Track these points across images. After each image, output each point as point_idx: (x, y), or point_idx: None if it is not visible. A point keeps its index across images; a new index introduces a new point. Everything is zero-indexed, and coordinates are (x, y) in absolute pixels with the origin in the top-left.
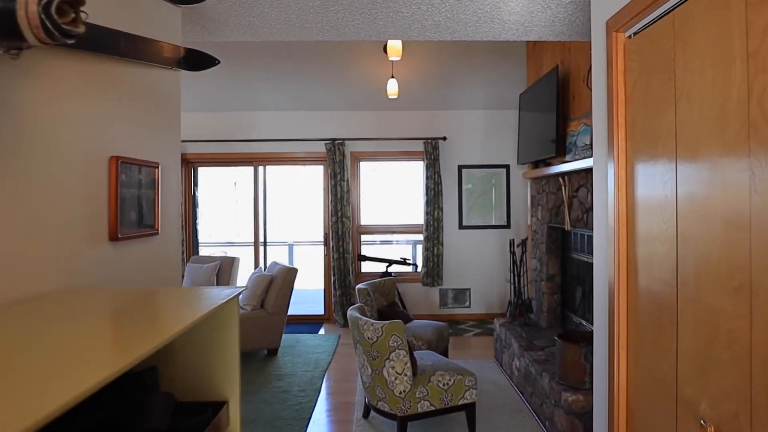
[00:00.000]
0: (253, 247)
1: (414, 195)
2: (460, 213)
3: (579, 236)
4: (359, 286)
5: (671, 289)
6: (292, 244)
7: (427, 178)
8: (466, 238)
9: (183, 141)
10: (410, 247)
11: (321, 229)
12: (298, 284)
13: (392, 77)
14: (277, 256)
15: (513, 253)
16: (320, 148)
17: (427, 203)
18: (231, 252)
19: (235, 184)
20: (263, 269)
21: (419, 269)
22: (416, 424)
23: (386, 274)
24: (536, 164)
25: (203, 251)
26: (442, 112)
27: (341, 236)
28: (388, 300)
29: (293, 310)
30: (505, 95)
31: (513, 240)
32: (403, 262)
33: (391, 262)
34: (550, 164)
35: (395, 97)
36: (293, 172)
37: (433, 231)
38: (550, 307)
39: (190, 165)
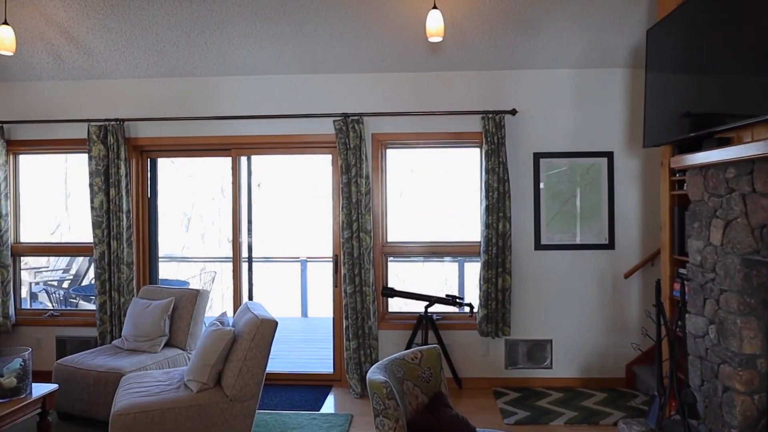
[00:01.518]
0: (232, 266)
1: (467, 198)
2: (536, 225)
3: None
4: (372, 374)
5: None
6: (305, 261)
7: (486, 171)
8: (546, 263)
9: (127, 120)
10: (455, 269)
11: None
12: (312, 311)
13: (435, 7)
14: (270, 277)
15: (659, 305)
16: (327, 128)
17: (488, 210)
18: (221, 271)
19: (223, 191)
20: (228, 318)
21: (476, 310)
22: None
23: (425, 318)
24: (696, 144)
25: (170, 271)
26: (510, 73)
27: (358, 260)
28: (428, 392)
29: (288, 363)
30: (607, 45)
31: (659, 281)
32: (453, 301)
33: (432, 301)
34: (729, 141)
35: (439, 39)
36: (293, 165)
37: (496, 253)
38: (747, 417)
39: (143, 155)
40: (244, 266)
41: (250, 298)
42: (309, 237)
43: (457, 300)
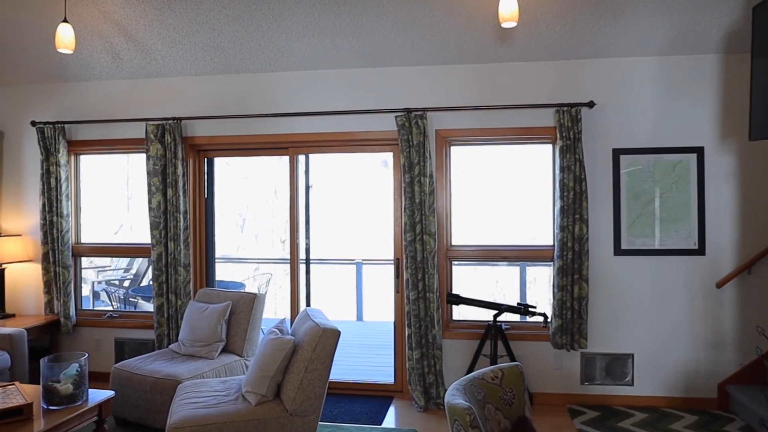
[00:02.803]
0: (290, 269)
1: (536, 199)
2: (616, 228)
3: None
4: (452, 398)
5: None
6: (360, 263)
7: (561, 170)
8: (626, 270)
9: (184, 118)
10: (513, 273)
11: (392, 249)
12: (368, 315)
13: None
14: (324, 279)
15: None
16: (389, 124)
17: (563, 212)
18: (281, 273)
19: (276, 193)
20: (287, 325)
21: (549, 320)
22: None
23: (494, 328)
24: None
25: (225, 272)
26: (586, 62)
27: (421, 264)
28: (511, 416)
29: (345, 370)
30: (698, 29)
31: None
32: (525, 310)
33: (502, 309)
34: None
35: (513, 24)
36: (346, 164)
37: (571, 258)
38: None
39: (200, 154)
40: (302, 268)
41: (308, 302)
42: (364, 238)
43: (530, 309)
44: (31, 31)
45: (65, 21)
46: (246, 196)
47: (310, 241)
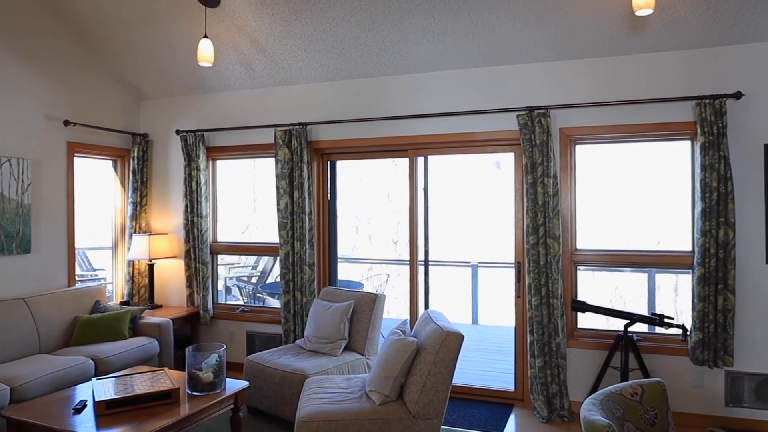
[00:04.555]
0: (409, 270)
1: (671, 200)
2: None
3: None
4: (589, 413)
5: None
6: (476, 266)
7: (702, 168)
8: None
9: (309, 124)
10: (638, 280)
11: (512, 251)
12: (483, 319)
13: None
14: (439, 281)
15: None
16: (509, 123)
17: (704, 215)
18: (393, 274)
19: (388, 195)
20: (408, 327)
21: (689, 333)
22: None
23: (624, 339)
24: None
25: (342, 271)
26: (732, 49)
27: (544, 269)
28: None
29: (462, 374)
30: None
31: None
32: (660, 321)
33: (634, 319)
34: None
35: (649, 12)
36: (463, 165)
37: (715, 265)
38: None
39: (324, 158)
40: (420, 270)
41: (426, 304)
42: (478, 240)
43: (666, 320)
44: (176, 49)
45: (206, 37)
46: (360, 199)
47: (429, 243)
